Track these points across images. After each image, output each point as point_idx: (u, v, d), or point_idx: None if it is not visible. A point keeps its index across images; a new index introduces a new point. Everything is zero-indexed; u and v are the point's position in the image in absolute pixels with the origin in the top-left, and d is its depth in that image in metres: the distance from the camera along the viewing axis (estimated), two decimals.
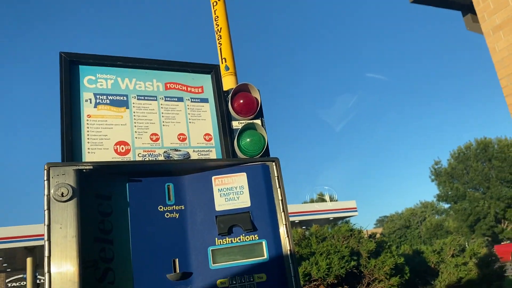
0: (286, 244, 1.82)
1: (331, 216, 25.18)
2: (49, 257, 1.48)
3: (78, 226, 1.54)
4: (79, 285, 1.47)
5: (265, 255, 1.80)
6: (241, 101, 2.18)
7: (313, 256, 5.55)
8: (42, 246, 1.54)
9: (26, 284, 26.21)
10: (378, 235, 6.64)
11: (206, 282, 1.73)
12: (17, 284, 40.38)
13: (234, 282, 1.75)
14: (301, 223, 24.99)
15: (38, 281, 23.13)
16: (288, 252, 1.81)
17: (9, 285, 41.11)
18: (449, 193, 38.36)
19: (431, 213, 52.36)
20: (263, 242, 1.81)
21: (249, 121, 2.17)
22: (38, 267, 23.11)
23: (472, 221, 36.34)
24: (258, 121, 2.18)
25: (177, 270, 1.73)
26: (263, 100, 2.21)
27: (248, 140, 2.11)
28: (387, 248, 5.92)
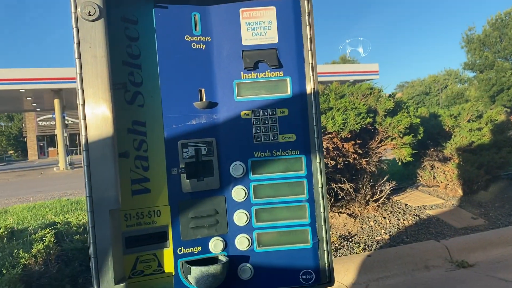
0: (310, 82, 1.83)
1: (351, 78, 25.02)
2: (81, 74, 1.52)
3: (107, 47, 1.54)
4: (111, 103, 1.53)
5: (289, 92, 1.82)
6: None
7: (330, 111, 5.66)
8: (68, 89, 1.56)
9: (55, 124, 27.96)
10: (398, 95, 6.66)
11: (231, 112, 1.80)
12: (48, 123, 43.07)
13: (257, 115, 1.81)
14: (321, 84, 25.03)
15: (65, 122, 24.51)
16: (312, 90, 1.83)
17: (40, 123, 43.92)
18: (477, 61, 37.22)
19: (454, 81, 51.56)
20: (288, 79, 1.82)
21: None
22: (65, 108, 24.29)
23: (495, 92, 35.88)
24: None
25: (204, 99, 1.78)
26: None
27: None
28: (404, 108, 5.97)
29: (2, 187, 15.91)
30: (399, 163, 6.01)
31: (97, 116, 1.52)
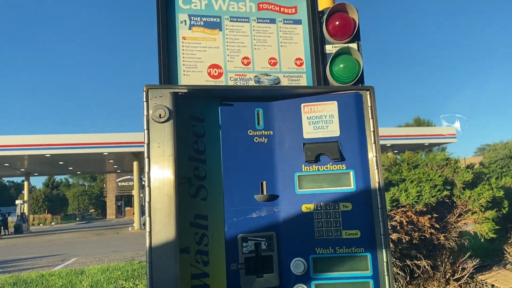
0: (374, 176, 1.80)
1: (426, 141, 24.14)
2: (148, 172, 1.62)
3: (174, 146, 1.64)
4: (175, 199, 1.59)
5: (352, 185, 1.79)
6: (337, 22, 2.06)
7: (403, 183, 5.44)
8: None
9: (133, 184, 29.56)
10: (477, 165, 6.27)
11: (292, 205, 1.80)
12: (126, 184, 45.60)
13: (319, 209, 1.78)
14: (393, 147, 24.38)
15: (142, 183, 25.81)
16: (377, 185, 1.79)
17: (119, 184, 46.61)
18: None
19: None
20: (351, 172, 1.80)
21: (344, 45, 2.06)
22: (143, 170, 25.69)
23: None
24: (354, 45, 2.07)
25: (265, 192, 1.81)
26: (362, 22, 2.08)
27: (341, 65, 2.01)
28: (485, 180, 5.59)
29: (81, 245, 16.79)
30: (482, 239, 5.54)
31: (161, 211, 1.58)
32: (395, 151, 25.54)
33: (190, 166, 1.79)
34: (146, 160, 1.63)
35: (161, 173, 1.62)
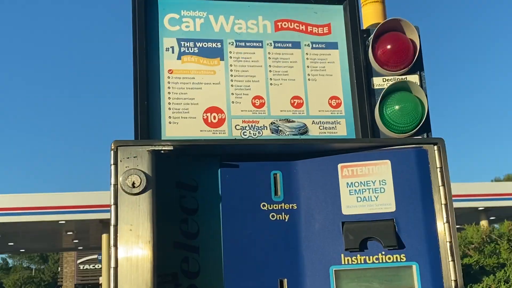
0: (449, 271, 1.78)
1: None
2: (115, 268, 1.62)
3: (153, 228, 1.65)
4: None
5: (416, 285, 1.78)
6: (389, 46, 2.10)
7: (502, 270, 5.33)
8: None
9: (101, 268, 29.05)
10: None
11: None
12: (91, 266, 44.74)
13: None
14: (488, 211, 23.76)
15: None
16: (453, 284, 1.76)
17: (81, 267, 45.74)
18: None
19: None
20: (414, 266, 1.79)
21: (400, 78, 2.10)
22: None
23: None
24: (414, 78, 2.10)
25: None
26: (424, 45, 2.10)
27: (397, 107, 2.04)
28: None
29: None
30: None
31: None
32: (491, 218, 24.89)
33: (176, 256, 1.79)
34: (113, 249, 1.64)
35: (135, 269, 1.62)
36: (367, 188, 1.87)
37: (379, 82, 2.14)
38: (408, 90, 2.06)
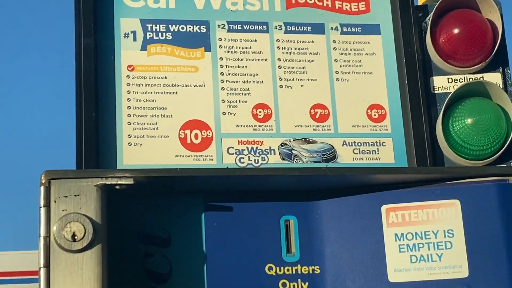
0: None
1: None
2: None
3: None
4: None
5: None
6: (456, 30, 2.00)
7: None
8: None
9: None
10: None
11: None
12: None
13: None
14: None
15: None
16: None
17: None
18: None
19: None
20: None
21: (473, 78, 1.97)
22: None
23: None
24: (494, 78, 1.99)
25: None
26: (510, 29, 2.07)
27: (469, 121, 1.92)
28: None
29: None
30: None
31: None
32: None
33: None
34: None
35: None
36: (425, 242, 1.68)
37: (442, 84, 2.04)
38: (486, 96, 1.96)
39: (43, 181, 1.51)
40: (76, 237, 1.47)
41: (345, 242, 1.71)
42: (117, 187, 1.55)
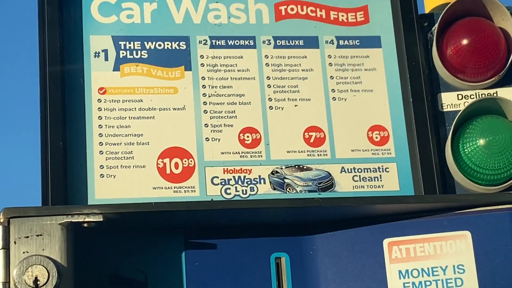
0: None
1: None
2: None
3: None
4: None
5: None
6: (465, 41, 1.96)
7: None
8: None
9: None
10: None
11: None
12: None
13: None
14: None
15: None
16: None
17: None
18: None
19: None
20: None
21: (486, 94, 1.99)
22: None
23: None
24: (508, 93, 1.97)
25: None
26: None
27: (481, 142, 1.88)
28: None
29: None
30: None
31: None
32: None
33: None
34: None
35: None
36: (433, 279, 1.63)
37: (451, 101, 2.01)
38: (500, 113, 1.92)
39: (1, 220, 1.46)
40: (39, 282, 1.41)
41: (343, 281, 1.65)
42: (85, 225, 1.47)
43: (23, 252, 1.43)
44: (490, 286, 1.61)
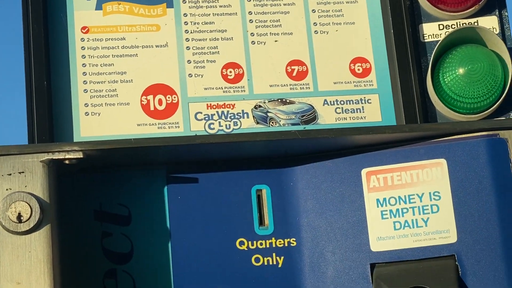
0: None
1: None
2: None
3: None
4: None
5: None
6: None
7: None
8: None
9: None
10: None
11: None
12: None
13: None
14: None
15: None
16: None
17: None
18: None
19: None
20: None
21: (466, 23, 2.02)
22: None
23: None
24: (489, 22, 2.03)
25: None
26: None
27: (461, 71, 1.90)
28: None
29: None
30: None
31: None
32: None
33: None
34: None
35: None
36: (409, 206, 1.68)
37: (432, 31, 2.05)
38: (480, 42, 1.95)
39: None
40: (22, 218, 1.47)
41: (323, 211, 1.71)
42: (67, 162, 1.53)
43: (6, 189, 1.50)
44: (464, 211, 1.65)
